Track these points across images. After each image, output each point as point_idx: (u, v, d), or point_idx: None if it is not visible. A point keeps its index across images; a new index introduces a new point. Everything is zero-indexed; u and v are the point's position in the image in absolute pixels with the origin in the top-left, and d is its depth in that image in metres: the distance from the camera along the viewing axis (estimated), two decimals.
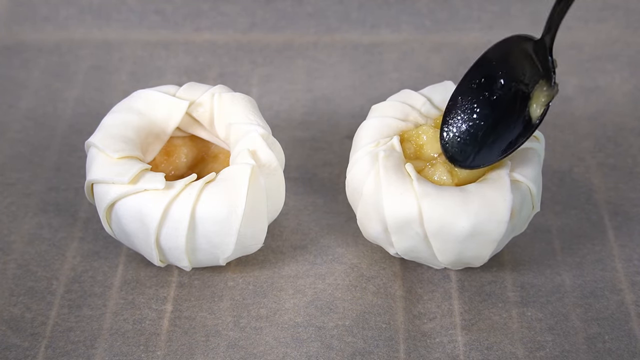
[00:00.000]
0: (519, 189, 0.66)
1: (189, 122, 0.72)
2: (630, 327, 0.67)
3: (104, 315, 0.68)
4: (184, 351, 0.66)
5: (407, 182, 0.66)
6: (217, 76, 0.90)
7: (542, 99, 0.66)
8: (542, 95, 0.66)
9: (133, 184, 0.66)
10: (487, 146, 0.67)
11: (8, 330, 0.67)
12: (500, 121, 0.67)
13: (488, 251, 0.67)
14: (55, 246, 0.73)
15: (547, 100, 0.65)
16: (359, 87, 0.88)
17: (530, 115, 0.66)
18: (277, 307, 0.69)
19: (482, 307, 0.69)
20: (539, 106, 0.66)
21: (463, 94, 0.68)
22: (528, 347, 0.66)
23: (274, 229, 0.74)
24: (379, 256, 0.72)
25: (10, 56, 0.92)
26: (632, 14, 0.93)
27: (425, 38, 0.93)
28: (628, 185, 0.78)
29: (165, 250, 0.67)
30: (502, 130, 0.67)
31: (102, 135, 0.69)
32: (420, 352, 0.66)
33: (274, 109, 0.86)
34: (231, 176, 0.66)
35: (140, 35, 0.94)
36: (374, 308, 0.68)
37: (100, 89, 0.88)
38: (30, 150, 0.82)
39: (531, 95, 0.66)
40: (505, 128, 0.67)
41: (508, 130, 0.67)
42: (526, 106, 0.66)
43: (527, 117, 0.66)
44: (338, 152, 0.81)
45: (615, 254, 0.72)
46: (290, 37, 0.94)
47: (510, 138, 0.66)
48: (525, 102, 0.66)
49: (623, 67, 0.89)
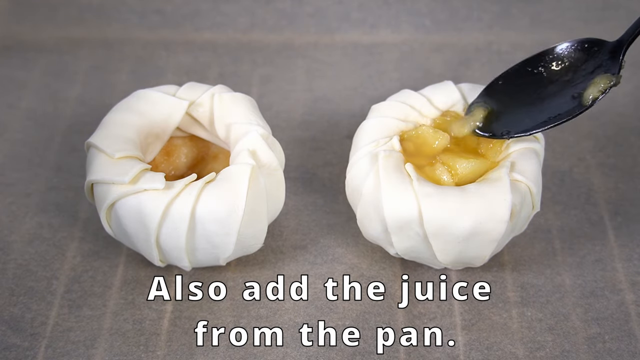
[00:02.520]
0: (519, 189, 0.66)
1: (189, 122, 0.72)
2: (630, 327, 0.67)
3: (104, 315, 0.68)
4: (184, 351, 0.66)
5: (407, 182, 0.66)
6: (217, 76, 0.90)
7: (601, 84, 0.66)
8: (602, 82, 0.67)
9: (133, 184, 0.66)
10: (530, 116, 0.68)
11: (8, 330, 0.67)
12: (549, 96, 0.68)
13: (488, 251, 0.67)
14: (55, 246, 0.73)
15: (606, 87, 0.66)
16: (359, 87, 0.88)
17: (583, 97, 0.67)
18: (277, 307, 0.69)
19: (482, 307, 0.69)
20: (596, 91, 0.66)
21: (517, 73, 0.70)
22: (528, 347, 0.66)
23: (274, 229, 0.74)
24: (379, 256, 0.72)
25: (10, 56, 0.92)
26: (632, 14, 0.93)
27: (425, 38, 0.93)
28: (628, 185, 0.78)
29: (165, 250, 0.67)
30: (549, 104, 0.68)
31: (102, 135, 0.69)
32: (420, 352, 0.66)
33: (274, 109, 0.86)
34: (231, 176, 0.66)
35: (140, 35, 0.94)
36: (374, 308, 0.68)
37: (100, 89, 0.88)
38: (30, 150, 0.82)
39: (592, 83, 0.67)
40: (554, 103, 0.68)
41: (556, 105, 0.68)
42: (583, 89, 0.67)
43: (580, 97, 0.67)
44: (338, 152, 0.81)
45: (615, 254, 0.72)
46: (290, 37, 0.94)
47: (557, 112, 0.67)
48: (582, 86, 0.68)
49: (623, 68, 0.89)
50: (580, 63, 0.69)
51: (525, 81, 0.70)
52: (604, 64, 0.68)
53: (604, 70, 0.67)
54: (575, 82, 0.68)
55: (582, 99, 0.67)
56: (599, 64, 0.68)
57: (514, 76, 0.71)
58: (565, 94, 0.68)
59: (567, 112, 0.67)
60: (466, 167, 0.67)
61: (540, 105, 0.68)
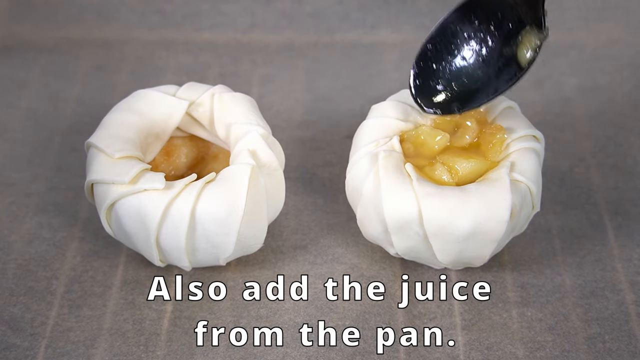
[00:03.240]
0: (519, 189, 0.66)
1: (189, 122, 0.72)
2: (630, 327, 0.67)
3: (104, 315, 0.68)
4: (184, 351, 0.66)
5: (407, 182, 0.66)
6: (217, 76, 0.90)
7: (532, 43, 0.65)
8: (532, 39, 0.65)
9: (133, 184, 0.66)
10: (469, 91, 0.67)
11: (8, 330, 0.67)
12: (485, 65, 0.67)
13: (488, 251, 0.67)
14: (55, 246, 0.73)
15: (538, 44, 0.65)
16: (359, 87, 0.88)
17: (519, 60, 0.66)
18: (277, 307, 0.69)
19: (482, 307, 0.69)
20: (530, 50, 0.65)
21: (443, 36, 0.68)
22: (528, 347, 0.66)
23: (274, 229, 0.74)
24: (379, 256, 0.72)
25: (10, 56, 0.92)
26: (632, 14, 0.93)
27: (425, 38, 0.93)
28: (628, 185, 0.78)
29: (165, 250, 0.67)
30: (487, 75, 0.67)
31: (102, 135, 0.69)
32: (420, 352, 0.66)
33: (274, 109, 0.86)
34: (231, 176, 0.66)
35: (140, 35, 0.94)
36: (374, 308, 0.68)
37: (100, 89, 0.88)
38: (30, 150, 0.82)
39: (520, 41, 0.66)
40: (492, 72, 0.66)
41: (494, 75, 0.66)
42: (513, 51, 0.66)
43: (514, 62, 0.66)
44: (338, 152, 0.81)
45: (615, 254, 0.72)
46: (290, 37, 0.94)
47: (496, 84, 0.66)
48: (512, 48, 0.66)
49: (623, 67, 0.89)
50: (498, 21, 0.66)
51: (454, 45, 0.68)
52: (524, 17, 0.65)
53: (528, 21, 0.65)
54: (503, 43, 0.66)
55: (518, 60, 0.66)
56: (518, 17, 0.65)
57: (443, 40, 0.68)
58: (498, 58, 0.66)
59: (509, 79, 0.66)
60: (466, 167, 0.67)
61: (480, 72, 0.67)
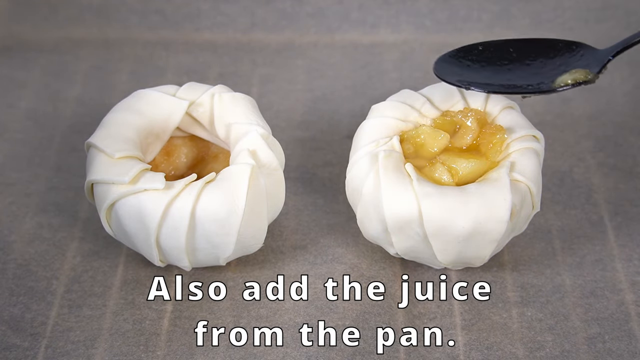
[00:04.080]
0: (519, 189, 0.66)
1: (189, 122, 0.72)
2: (630, 327, 0.67)
3: (104, 315, 0.68)
4: (184, 351, 0.66)
5: (407, 182, 0.66)
6: (217, 76, 0.90)
7: (577, 78, 0.67)
8: (579, 74, 0.67)
9: (133, 184, 0.66)
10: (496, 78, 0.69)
11: (8, 330, 0.67)
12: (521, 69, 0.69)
13: (488, 251, 0.67)
14: (55, 246, 0.73)
15: (580, 79, 0.67)
16: (359, 87, 0.88)
17: (555, 81, 0.67)
18: (277, 307, 0.69)
19: (482, 307, 0.69)
20: (571, 82, 0.67)
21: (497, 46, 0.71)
22: (528, 347, 0.66)
23: (274, 229, 0.74)
24: (379, 256, 0.72)
25: (10, 56, 0.92)
26: (632, 14, 0.93)
27: (425, 38, 0.93)
28: (628, 185, 0.78)
29: (165, 250, 0.67)
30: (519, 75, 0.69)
31: (102, 135, 0.69)
32: (420, 352, 0.66)
33: (274, 109, 0.86)
34: (231, 176, 0.66)
35: (140, 35, 0.94)
36: (374, 308, 0.68)
37: (100, 89, 0.88)
38: (30, 150, 0.82)
39: (568, 70, 0.68)
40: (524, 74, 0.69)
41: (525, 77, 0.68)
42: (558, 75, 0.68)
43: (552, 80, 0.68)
44: (338, 152, 0.81)
45: (615, 254, 0.72)
46: (290, 37, 0.94)
47: (524, 82, 0.68)
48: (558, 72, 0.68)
49: (623, 67, 0.89)
50: (566, 57, 0.69)
51: (503, 54, 0.70)
52: (589, 63, 0.68)
53: (587, 67, 0.67)
54: (554, 68, 0.68)
55: (554, 82, 0.67)
56: (585, 63, 0.68)
57: (493, 47, 0.71)
58: (538, 72, 0.68)
59: (534, 87, 0.67)
60: (466, 167, 0.67)
61: (508, 73, 0.69)
